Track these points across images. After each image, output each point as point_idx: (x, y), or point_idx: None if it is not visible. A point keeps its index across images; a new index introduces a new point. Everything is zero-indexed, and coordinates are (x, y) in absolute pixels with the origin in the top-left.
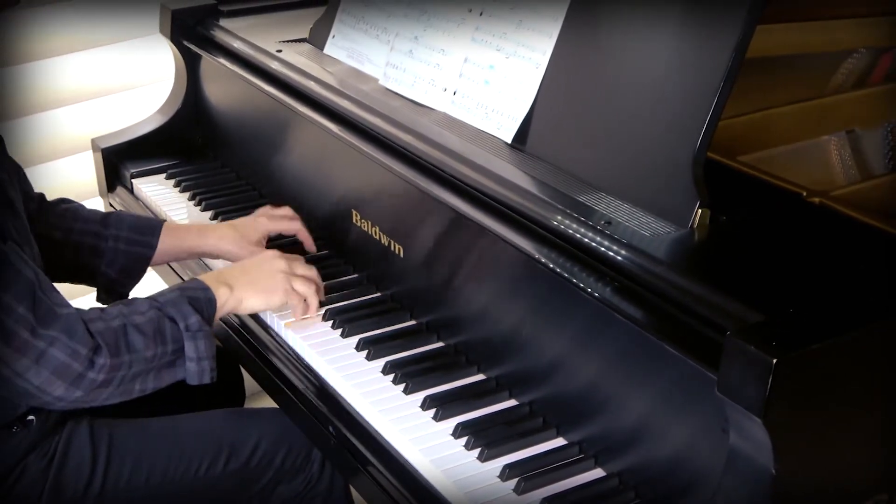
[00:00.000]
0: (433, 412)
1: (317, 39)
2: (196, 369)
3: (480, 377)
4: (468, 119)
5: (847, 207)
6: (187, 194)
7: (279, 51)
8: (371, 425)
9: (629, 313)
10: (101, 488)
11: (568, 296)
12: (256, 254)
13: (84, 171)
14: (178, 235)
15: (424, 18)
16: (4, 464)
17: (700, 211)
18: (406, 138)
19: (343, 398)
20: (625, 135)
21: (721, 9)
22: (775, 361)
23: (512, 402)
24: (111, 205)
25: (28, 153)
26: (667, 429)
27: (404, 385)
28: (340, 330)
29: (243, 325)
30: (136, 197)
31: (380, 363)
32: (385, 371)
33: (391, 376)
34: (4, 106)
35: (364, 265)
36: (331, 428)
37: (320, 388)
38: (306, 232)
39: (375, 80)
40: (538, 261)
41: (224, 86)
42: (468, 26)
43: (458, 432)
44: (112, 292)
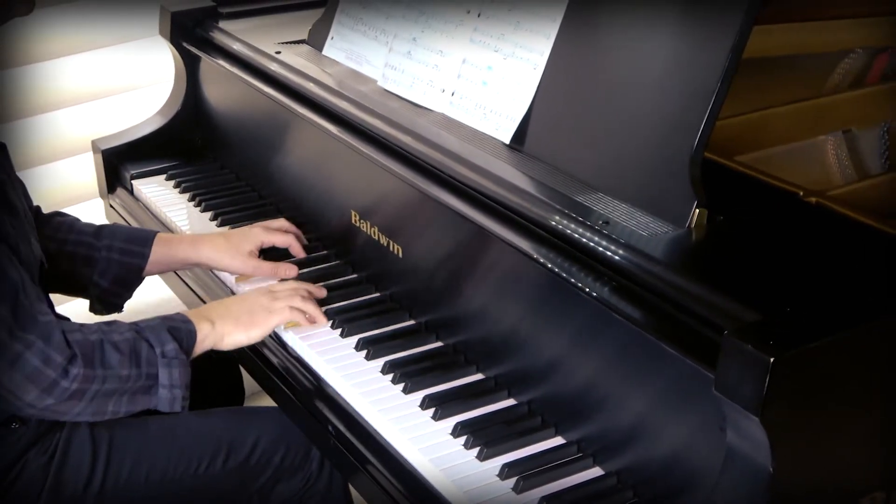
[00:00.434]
0: (432, 411)
1: (315, 41)
2: (168, 396)
3: (479, 377)
4: (466, 120)
5: (844, 207)
6: (187, 195)
7: (278, 52)
8: (370, 425)
9: (627, 313)
10: (101, 486)
11: (566, 295)
12: (248, 266)
13: (84, 173)
14: (171, 246)
15: (423, 20)
16: (4, 460)
17: (697, 211)
18: (405, 139)
19: (342, 398)
20: (622, 135)
21: (718, 9)
22: (772, 360)
23: (511, 402)
24: (111, 206)
25: (29, 155)
26: (665, 428)
27: (403, 385)
28: (340, 330)
29: None
30: (136, 198)
31: (379, 363)
32: (384, 371)
33: (390, 376)
34: (5, 108)
35: (363, 265)
36: (330, 427)
37: (319, 388)
38: (298, 247)
39: (374, 82)
40: (536, 261)
41: (223, 87)
42: (466, 27)
43: (457, 431)
44: (106, 303)
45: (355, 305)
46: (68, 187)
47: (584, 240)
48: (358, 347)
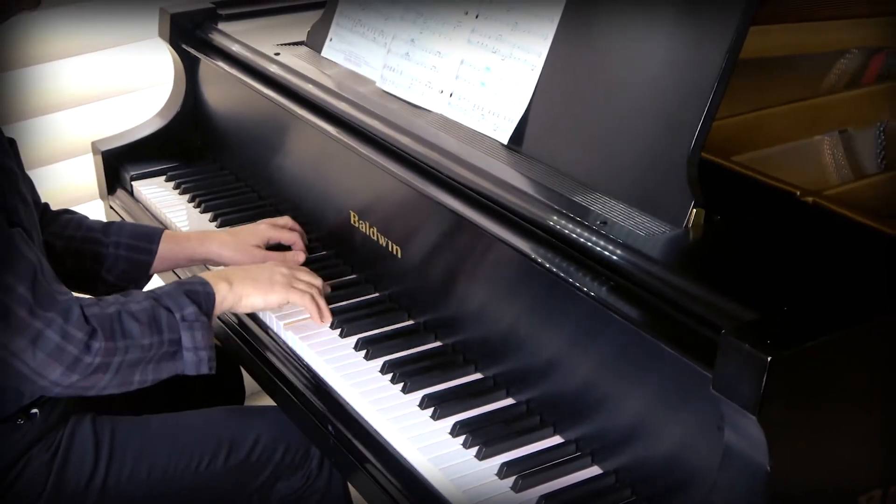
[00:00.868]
0: (431, 411)
1: (314, 43)
2: (193, 359)
3: (478, 376)
4: (464, 121)
5: (840, 207)
6: (187, 196)
7: (277, 54)
8: (369, 424)
9: (625, 312)
10: (104, 483)
11: (564, 295)
12: (256, 259)
13: (84, 174)
14: (179, 242)
15: (421, 21)
16: (8, 456)
17: (695, 211)
18: (403, 140)
19: (342, 397)
20: (620, 135)
21: (715, 10)
22: (770, 359)
23: (509, 401)
24: (111, 207)
25: (29, 156)
26: (663, 427)
27: (402, 384)
28: (339, 330)
29: (242, 326)
30: (136, 199)
31: (378, 362)
32: (383, 370)
33: (389, 375)
34: (6, 109)
35: (362, 266)
36: (329, 427)
37: (319, 388)
38: (302, 244)
39: (372, 83)
40: (535, 261)
41: (223, 89)
42: (464, 29)
43: (456, 431)
44: None
45: (354, 305)
46: (69, 188)
47: (582, 240)
48: (357, 347)
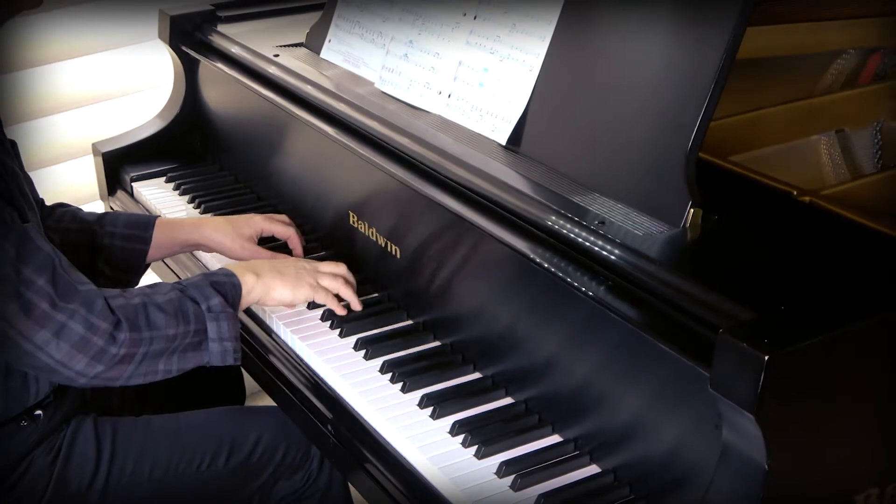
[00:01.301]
0: (430, 410)
1: (313, 44)
2: (219, 349)
3: (477, 375)
4: (463, 121)
5: (837, 206)
6: (187, 197)
7: (276, 55)
8: (369, 423)
9: (623, 312)
10: (105, 483)
11: (562, 295)
12: (248, 248)
13: (85, 175)
14: (173, 228)
15: (419, 23)
16: (11, 457)
17: (692, 210)
18: (402, 141)
19: (341, 397)
20: (618, 136)
21: (712, 11)
22: (767, 358)
23: (508, 400)
24: (112, 208)
25: (30, 158)
26: (661, 425)
27: (402, 384)
28: (339, 330)
29: (243, 326)
30: (137, 200)
31: (377, 362)
32: (383, 370)
33: (389, 375)
34: (6, 111)
35: (361, 266)
36: (329, 426)
37: (319, 388)
38: (297, 240)
39: (371, 84)
40: (533, 260)
41: (222, 90)
42: (462, 30)
43: (455, 430)
44: None
45: None
46: (69, 190)
47: (581, 240)
48: (356, 347)
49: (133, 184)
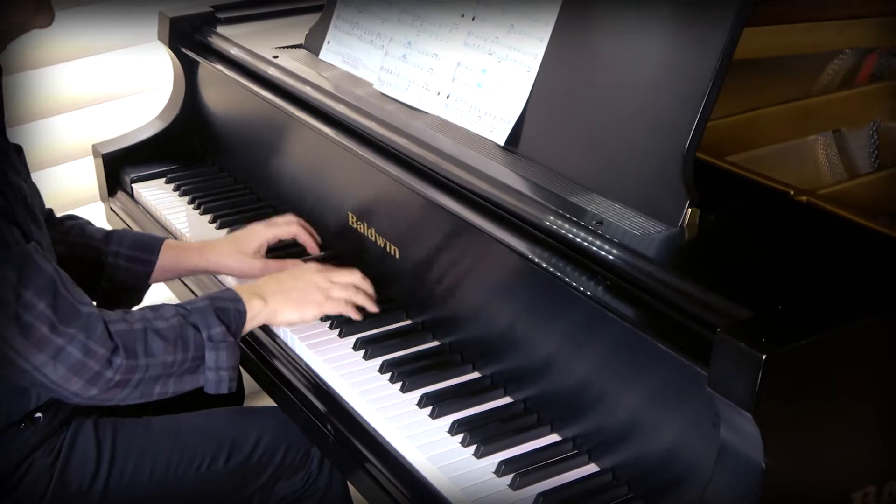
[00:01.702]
0: (429, 410)
1: (312, 45)
2: (214, 378)
3: (475, 375)
4: (461, 122)
5: (834, 206)
6: (186, 198)
7: (275, 57)
8: (368, 423)
9: (621, 311)
10: (106, 484)
11: (561, 295)
12: (257, 266)
13: (85, 177)
14: (178, 254)
15: (418, 24)
16: (12, 460)
17: (690, 210)
18: (400, 141)
19: (341, 397)
20: (615, 136)
21: (709, 12)
22: (764, 357)
23: (507, 400)
24: (112, 209)
25: (30, 159)
26: (659, 424)
27: (401, 383)
28: (338, 330)
29: None
30: (137, 201)
31: (377, 362)
32: (382, 370)
33: (388, 375)
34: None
35: (360, 266)
36: (329, 426)
37: (318, 387)
38: (305, 234)
39: (370, 85)
40: (531, 260)
41: (222, 91)
42: (461, 31)
43: (454, 429)
44: (114, 308)
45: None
46: (70, 191)
47: (579, 240)
48: (356, 347)
49: (133, 185)
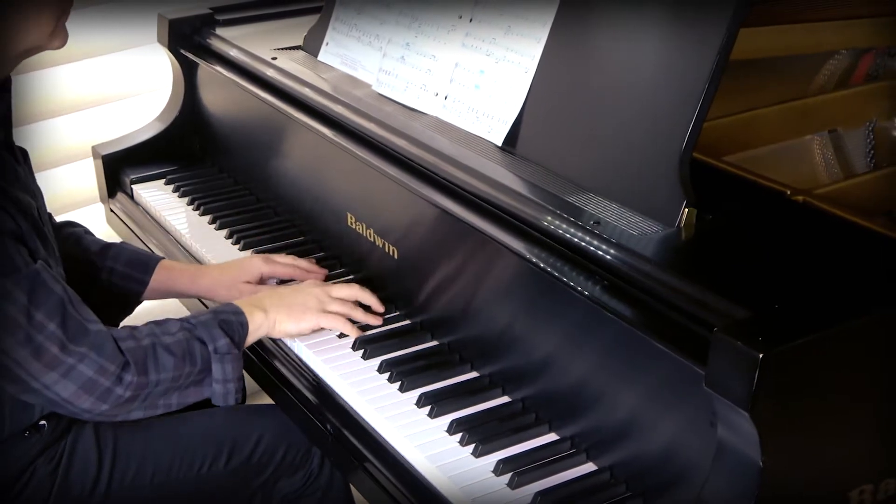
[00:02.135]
0: (428, 409)
1: (311, 47)
2: (221, 391)
3: (474, 375)
4: (459, 123)
5: (830, 205)
6: (186, 199)
7: (274, 58)
8: (367, 423)
9: (618, 311)
10: (108, 488)
11: (558, 294)
12: (246, 292)
13: (85, 178)
14: (172, 276)
15: (416, 25)
16: (15, 468)
17: (687, 210)
18: (399, 142)
19: (340, 397)
20: (612, 136)
21: (705, 12)
22: (761, 356)
23: (505, 399)
24: (112, 210)
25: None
26: (656, 423)
27: (400, 383)
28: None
29: None
30: (136, 202)
31: (375, 362)
32: (381, 370)
33: (387, 374)
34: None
35: (359, 266)
36: (328, 426)
37: (318, 387)
38: (304, 275)
39: (368, 86)
40: (529, 260)
41: (221, 93)
42: (458, 32)
43: (453, 429)
44: (101, 320)
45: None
46: (69, 192)
47: (576, 240)
48: (355, 347)
49: (133, 186)
